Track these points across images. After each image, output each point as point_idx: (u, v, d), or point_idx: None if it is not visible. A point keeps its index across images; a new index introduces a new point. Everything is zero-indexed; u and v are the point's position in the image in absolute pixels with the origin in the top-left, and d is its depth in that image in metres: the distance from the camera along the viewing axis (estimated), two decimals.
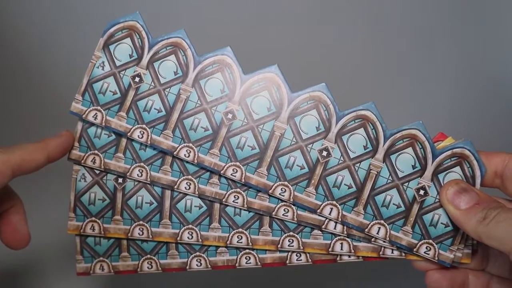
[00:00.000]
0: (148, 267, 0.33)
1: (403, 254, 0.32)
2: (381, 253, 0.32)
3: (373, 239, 0.32)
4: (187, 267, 0.33)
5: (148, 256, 0.33)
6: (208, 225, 0.33)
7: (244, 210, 0.33)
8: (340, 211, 0.32)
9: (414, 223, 0.32)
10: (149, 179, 0.33)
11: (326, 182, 0.32)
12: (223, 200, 0.33)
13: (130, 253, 0.33)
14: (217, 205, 0.33)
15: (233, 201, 0.33)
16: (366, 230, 0.32)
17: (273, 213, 0.32)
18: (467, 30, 0.51)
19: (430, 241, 0.32)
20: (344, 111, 0.33)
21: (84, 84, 0.33)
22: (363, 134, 0.32)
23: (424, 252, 0.32)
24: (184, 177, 0.33)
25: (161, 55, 0.33)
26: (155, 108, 0.33)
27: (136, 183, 0.33)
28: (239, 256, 0.33)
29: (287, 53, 0.49)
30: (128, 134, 0.33)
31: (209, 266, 0.33)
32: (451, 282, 0.31)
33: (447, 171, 0.32)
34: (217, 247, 0.33)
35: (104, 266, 0.34)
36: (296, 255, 0.32)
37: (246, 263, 0.33)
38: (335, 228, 0.32)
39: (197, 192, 0.33)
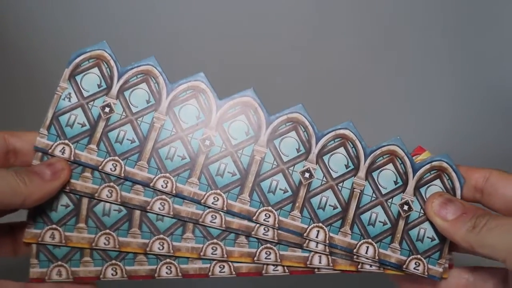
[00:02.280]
0: (112, 274, 0.31)
1: (382, 268, 0.31)
2: (359, 267, 0.31)
3: (355, 257, 0.31)
4: (156, 275, 0.31)
5: (113, 261, 0.31)
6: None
7: (223, 230, 0.31)
8: (327, 233, 0.31)
9: (401, 239, 0.31)
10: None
11: (310, 204, 0.31)
12: (200, 220, 0.31)
13: (93, 258, 0.31)
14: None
15: (210, 221, 0.31)
16: (355, 250, 0.31)
17: (253, 232, 0.31)
18: (464, 41, 0.53)
19: (419, 256, 0.31)
20: (322, 131, 0.32)
21: (49, 117, 0.31)
22: (344, 153, 0.32)
23: (414, 268, 0.31)
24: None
25: (131, 84, 0.32)
26: (127, 139, 0.31)
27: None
28: (212, 265, 0.31)
29: (264, 72, 0.49)
30: (100, 167, 0.31)
31: (180, 274, 0.31)
32: None
33: (428, 185, 0.32)
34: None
35: (62, 271, 0.31)
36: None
37: (220, 271, 0.31)
38: (316, 247, 0.31)
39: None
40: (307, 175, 0.32)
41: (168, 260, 0.31)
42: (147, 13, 0.49)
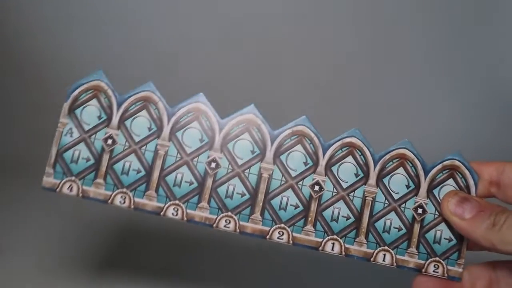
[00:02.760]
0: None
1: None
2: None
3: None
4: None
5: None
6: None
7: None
8: (343, 244, 0.31)
9: (418, 243, 0.31)
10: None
11: (323, 218, 0.31)
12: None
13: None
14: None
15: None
16: (372, 259, 0.31)
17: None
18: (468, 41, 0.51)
19: (437, 258, 0.31)
20: (329, 141, 0.32)
21: (53, 155, 0.31)
22: (352, 162, 0.32)
23: (433, 271, 0.31)
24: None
25: (131, 112, 0.32)
26: (133, 169, 0.31)
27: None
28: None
29: (263, 83, 0.48)
30: (109, 201, 0.31)
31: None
32: None
33: (441, 185, 0.31)
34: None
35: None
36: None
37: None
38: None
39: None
40: (317, 188, 0.31)
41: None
42: (138, 34, 0.49)
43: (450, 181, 0.32)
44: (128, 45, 0.48)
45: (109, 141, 0.31)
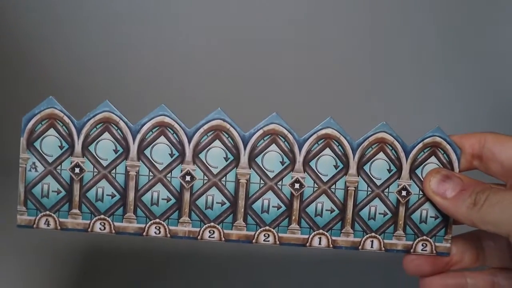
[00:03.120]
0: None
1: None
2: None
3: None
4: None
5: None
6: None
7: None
8: (329, 237, 0.31)
9: (405, 225, 0.31)
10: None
11: (307, 214, 0.31)
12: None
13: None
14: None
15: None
16: (360, 247, 0.31)
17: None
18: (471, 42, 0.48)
19: (425, 237, 0.31)
20: (303, 136, 0.30)
21: (22, 192, 0.30)
22: (330, 154, 0.30)
23: (422, 250, 0.31)
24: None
25: (93, 137, 0.30)
26: (107, 195, 0.30)
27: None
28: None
29: (226, 86, 0.45)
30: (89, 229, 0.30)
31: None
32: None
33: (423, 164, 0.31)
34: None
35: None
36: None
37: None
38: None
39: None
40: (297, 186, 0.31)
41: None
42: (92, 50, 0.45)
43: (432, 158, 0.31)
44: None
45: (77, 170, 0.30)
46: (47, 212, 0.30)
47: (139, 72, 0.45)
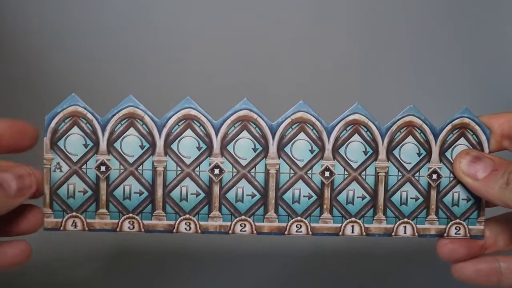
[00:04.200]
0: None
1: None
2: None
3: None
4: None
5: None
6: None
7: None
8: (362, 225, 0.30)
9: (437, 209, 0.31)
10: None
11: (338, 202, 0.30)
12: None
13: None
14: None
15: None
16: (393, 234, 0.31)
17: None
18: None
19: (458, 220, 0.31)
20: (331, 123, 0.30)
21: (48, 194, 0.29)
22: (359, 140, 0.30)
23: (455, 234, 0.31)
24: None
25: (118, 133, 0.29)
26: (135, 192, 0.30)
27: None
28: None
29: (253, 77, 0.45)
30: (117, 229, 0.30)
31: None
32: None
33: (453, 146, 0.30)
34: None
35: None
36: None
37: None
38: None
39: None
40: (327, 174, 0.30)
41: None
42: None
43: (462, 140, 0.30)
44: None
45: (102, 168, 0.29)
46: (74, 213, 0.29)
47: (155, 65, 0.45)
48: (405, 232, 0.31)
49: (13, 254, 0.28)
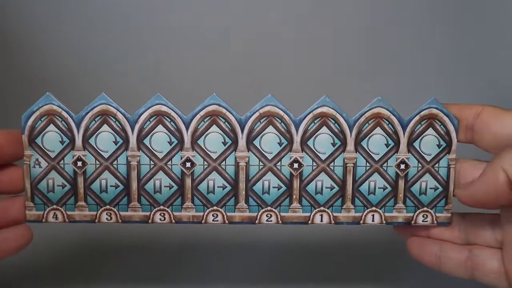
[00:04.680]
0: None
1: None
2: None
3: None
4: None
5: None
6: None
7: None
8: (331, 214, 0.31)
9: (404, 198, 0.31)
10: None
11: (307, 192, 0.31)
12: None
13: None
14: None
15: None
16: (361, 222, 0.32)
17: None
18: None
19: (425, 208, 0.31)
20: (299, 116, 0.31)
21: (28, 188, 0.31)
22: (327, 132, 0.31)
23: (422, 221, 0.32)
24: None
25: (93, 130, 0.30)
26: (111, 186, 0.31)
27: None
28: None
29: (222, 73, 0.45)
30: (96, 220, 0.31)
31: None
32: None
33: (421, 136, 0.31)
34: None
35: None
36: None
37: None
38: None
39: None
40: (296, 165, 0.31)
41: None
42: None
43: (430, 130, 0.31)
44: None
45: (79, 163, 0.31)
46: (54, 206, 0.31)
47: (131, 63, 0.45)
48: (373, 220, 0.32)
49: (15, 236, 0.30)
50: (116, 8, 0.47)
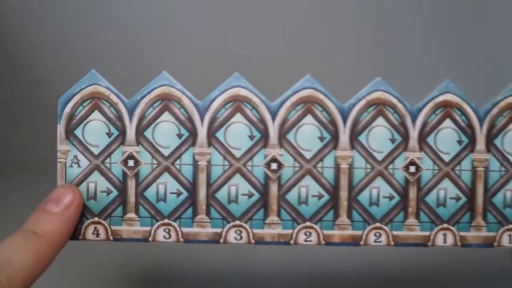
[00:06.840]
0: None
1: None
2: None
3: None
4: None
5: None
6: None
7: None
8: (456, 233, 0.24)
9: None
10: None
11: (427, 205, 0.24)
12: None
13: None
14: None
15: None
16: (495, 244, 0.24)
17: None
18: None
19: None
20: (416, 105, 0.24)
21: None
22: (452, 126, 0.24)
23: None
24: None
25: (150, 119, 0.23)
26: (171, 192, 0.24)
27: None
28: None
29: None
30: (150, 238, 0.24)
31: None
32: None
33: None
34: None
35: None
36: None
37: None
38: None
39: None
40: (412, 169, 0.24)
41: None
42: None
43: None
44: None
45: (130, 163, 0.23)
46: (96, 219, 0.23)
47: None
48: (510, 242, 0.24)
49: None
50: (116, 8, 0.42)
